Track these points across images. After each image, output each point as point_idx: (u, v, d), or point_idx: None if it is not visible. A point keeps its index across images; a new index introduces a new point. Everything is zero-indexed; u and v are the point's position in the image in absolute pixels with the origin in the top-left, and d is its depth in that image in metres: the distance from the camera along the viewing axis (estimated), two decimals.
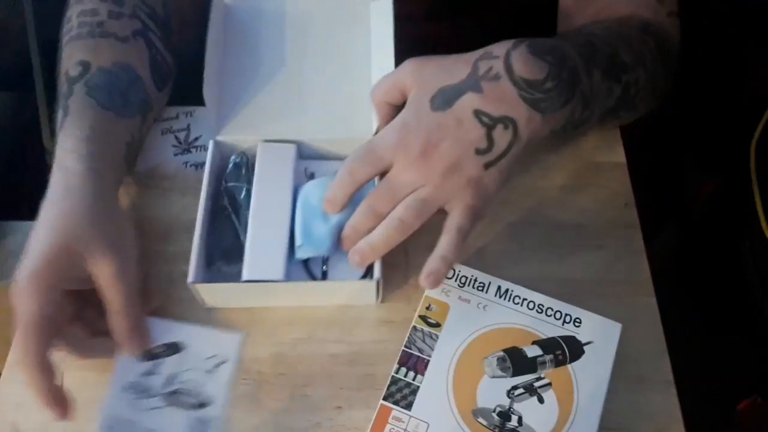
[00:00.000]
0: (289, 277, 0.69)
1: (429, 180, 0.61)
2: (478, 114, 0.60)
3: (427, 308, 0.67)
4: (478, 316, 0.66)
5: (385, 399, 0.62)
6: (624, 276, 0.72)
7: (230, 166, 0.74)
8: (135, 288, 0.64)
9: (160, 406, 0.64)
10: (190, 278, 0.66)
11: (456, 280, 0.68)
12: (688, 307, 0.98)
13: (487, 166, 0.61)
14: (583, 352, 0.64)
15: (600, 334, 0.65)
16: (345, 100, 0.77)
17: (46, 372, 0.59)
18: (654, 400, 0.65)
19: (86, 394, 0.65)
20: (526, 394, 0.62)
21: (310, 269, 0.71)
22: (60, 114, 0.70)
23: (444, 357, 0.64)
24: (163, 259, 0.73)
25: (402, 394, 0.62)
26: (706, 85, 1.05)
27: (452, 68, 0.62)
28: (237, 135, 0.76)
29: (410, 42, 0.83)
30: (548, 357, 0.64)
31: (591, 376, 0.63)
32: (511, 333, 0.65)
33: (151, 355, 0.66)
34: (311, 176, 0.76)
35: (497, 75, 0.60)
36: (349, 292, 0.70)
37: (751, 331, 0.91)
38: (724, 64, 1.04)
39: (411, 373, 0.63)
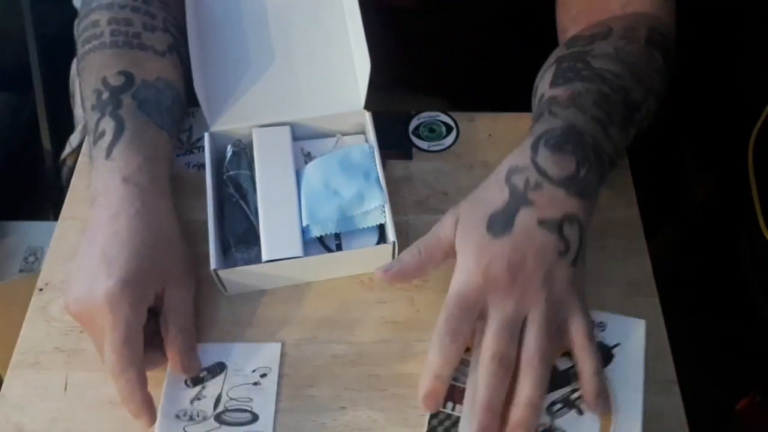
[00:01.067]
0: (307, 254, 0.70)
1: (533, 299, 0.60)
2: (542, 224, 0.61)
3: None
4: None
5: None
6: (626, 276, 0.72)
7: (228, 155, 0.75)
8: (192, 314, 0.67)
9: (213, 428, 0.64)
10: (212, 266, 0.67)
11: None
12: (686, 306, 0.98)
13: (574, 263, 0.61)
14: (612, 355, 0.64)
15: (625, 334, 0.65)
16: (330, 78, 0.79)
17: (143, 381, 0.59)
18: (657, 400, 0.65)
19: (89, 394, 0.66)
20: (565, 408, 0.61)
21: (326, 244, 0.73)
22: (110, 124, 0.69)
23: None
24: None
25: (444, 427, 0.61)
26: (704, 84, 1.06)
27: (488, 197, 0.63)
28: (230, 125, 0.77)
29: (404, 35, 0.84)
30: None
31: (624, 377, 0.62)
32: None
33: (197, 381, 0.66)
34: (308, 155, 0.78)
35: (538, 183, 0.62)
36: (366, 260, 0.71)
37: (750, 328, 0.92)
38: (722, 63, 1.05)
39: (449, 404, 0.62)
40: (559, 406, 0.61)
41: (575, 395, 0.61)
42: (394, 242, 0.69)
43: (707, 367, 0.93)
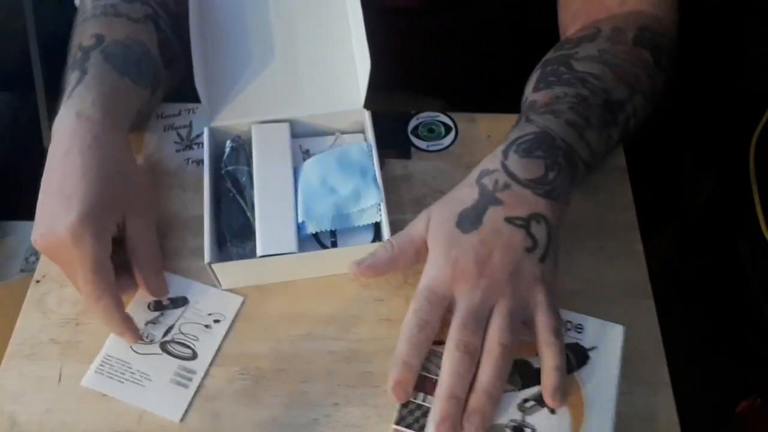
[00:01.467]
0: (302, 250, 0.70)
1: (499, 291, 0.61)
2: (509, 221, 0.62)
3: None
4: None
5: (397, 423, 0.61)
6: (622, 278, 0.72)
7: (227, 150, 0.76)
8: (156, 240, 0.71)
9: (155, 353, 0.67)
10: (207, 259, 0.68)
11: None
12: (687, 307, 0.98)
13: (542, 259, 0.62)
14: (588, 357, 0.64)
15: (603, 338, 0.65)
16: (331, 76, 0.80)
17: (119, 304, 0.64)
18: (651, 402, 0.65)
19: (83, 385, 0.65)
20: (537, 406, 0.61)
21: (321, 241, 0.73)
22: (76, 74, 0.72)
23: None
24: (164, 255, 0.72)
25: (414, 417, 0.61)
26: (705, 85, 1.06)
27: (458, 196, 0.65)
28: (230, 120, 0.78)
29: (404, 35, 0.84)
30: None
31: (598, 381, 0.62)
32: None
33: (158, 306, 0.70)
34: (306, 153, 0.78)
35: (506, 184, 0.64)
36: (360, 258, 0.70)
37: (750, 331, 0.91)
38: (723, 64, 1.05)
39: (420, 395, 0.61)
40: (531, 403, 0.61)
41: None
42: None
43: (707, 368, 0.93)
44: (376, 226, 0.73)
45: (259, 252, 0.69)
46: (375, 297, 0.71)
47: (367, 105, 0.78)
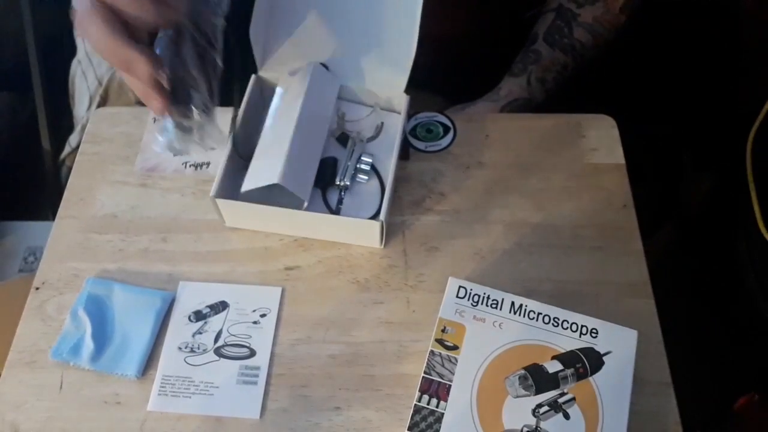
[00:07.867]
0: (311, 208, 0.72)
1: None
2: None
3: (443, 331, 0.66)
4: (494, 334, 0.65)
5: (410, 429, 0.61)
6: (622, 278, 0.72)
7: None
8: None
9: (212, 360, 0.68)
10: (212, 193, 0.69)
11: (469, 300, 0.67)
12: (685, 306, 0.98)
13: None
14: (603, 363, 0.64)
15: (617, 343, 0.65)
16: (384, 53, 0.78)
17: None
18: (653, 401, 0.65)
19: (84, 393, 0.66)
20: (552, 411, 0.61)
21: (328, 202, 0.75)
22: None
23: (465, 380, 0.63)
24: (163, 259, 0.73)
25: (427, 423, 0.61)
26: (702, 85, 1.05)
27: None
28: (277, 72, 0.79)
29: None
30: (569, 371, 0.63)
31: (613, 386, 0.63)
32: (529, 349, 0.65)
33: (199, 316, 0.70)
34: (342, 117, 0.80)
35: None
36: (355, 230, 0.72)
37: (748, 328, 0.91)
38: (720, 63, 1.04)
39: (434, 401, 0.62)
40: (545, 408, 0.61)
41: (563, 399, 0.62)
42: (383, 222, 0.70)
43: (706, 366, 0.93)
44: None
45: (243, 188, 0.70)
46: (375, 300, 0.71)
47: (408, 90, 0.78)
